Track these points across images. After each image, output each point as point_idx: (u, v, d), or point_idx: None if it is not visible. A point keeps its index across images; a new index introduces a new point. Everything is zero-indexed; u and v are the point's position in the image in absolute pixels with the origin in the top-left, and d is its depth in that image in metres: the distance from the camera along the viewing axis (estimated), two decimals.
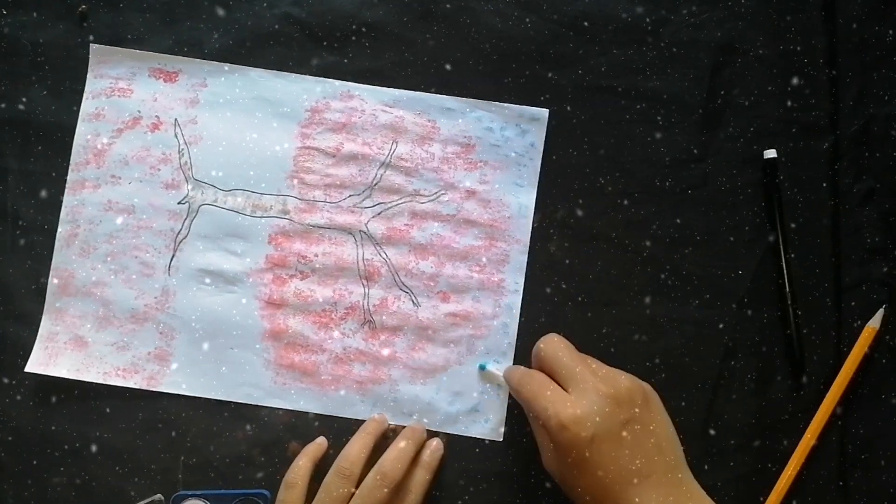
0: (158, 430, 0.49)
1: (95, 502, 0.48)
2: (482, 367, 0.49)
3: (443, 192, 0.50)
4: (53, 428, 0.49)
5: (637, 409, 0.41)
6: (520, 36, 0.51)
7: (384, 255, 0.50)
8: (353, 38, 0.51)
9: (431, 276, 0.50)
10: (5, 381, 0.49)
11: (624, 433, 0.40)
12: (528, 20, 0.51)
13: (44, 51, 0.51)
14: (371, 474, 0.44)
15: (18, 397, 0.49)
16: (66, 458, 0.48)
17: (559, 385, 0.42)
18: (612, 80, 0.51)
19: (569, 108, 0.51)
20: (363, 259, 0.50)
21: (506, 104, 0.50)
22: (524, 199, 0.50)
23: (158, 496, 0.48)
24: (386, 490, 0.44)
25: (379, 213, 0.50)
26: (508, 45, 0.51)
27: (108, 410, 0.49)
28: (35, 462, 0.48)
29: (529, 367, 0.46)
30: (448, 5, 0.51)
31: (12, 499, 0.48)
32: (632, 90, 0.51)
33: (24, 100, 0.51)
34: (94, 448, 0.49)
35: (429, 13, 0.51)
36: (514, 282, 0.50)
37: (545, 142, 0.50)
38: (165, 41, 0.51)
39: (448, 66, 0.51)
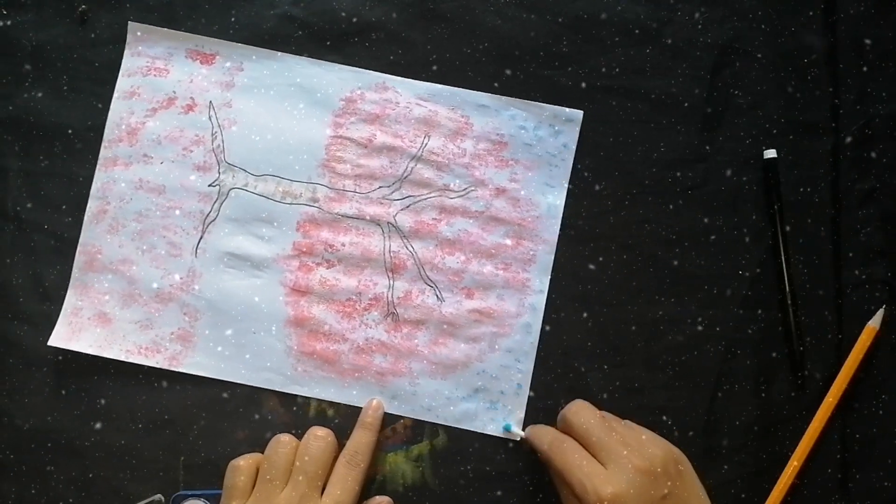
0: (158, 429, 0.49)
1: (95, 502, 0.48)
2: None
3: (472, 188, 0.50)
4: (54, 427, 0.49)
5: (673, 482, 0.41)
6: (520, 36, 0.51)
7: (411, 249, 0.50)
8: (353, 38, 0.51)
9: (457, 271, 0.50)
10: (6, 380, 0.49)
11: None
12: (528, 20, 0.51)
13: (44, 51, 0.51)
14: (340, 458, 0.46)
15: (19, 397, 0.49)
16: (66, 457, 0.48)
17: (591, 454, 0.42)
18: (613, 80, 0.51)
19: (569, 108, 0.51)
20: (390, 251, 0.50)
21: (541, 103, 0.50)
22: (554, 200, 0.50)
23: (158, 496, 0.48)
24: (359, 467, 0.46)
25: (408, 206, 0.50)
26: (509, 45, 0.51)
27: (108, 410, 0.49)
28: (36, 461, 0.49)
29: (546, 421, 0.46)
30: (448, 5, 0.51)
31: (13, 498, 0.48)
32: (632, 90, 0.51)
33: (24, 100, 0.51)
34: (94, 447, 0.49)
35: (429, 13, 0.51)
36: (540, 282, 0.50)
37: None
38: None
39: (448, 67, 0.51)
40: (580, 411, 0.44)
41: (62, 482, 0.48)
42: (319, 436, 0.46)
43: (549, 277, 0.50)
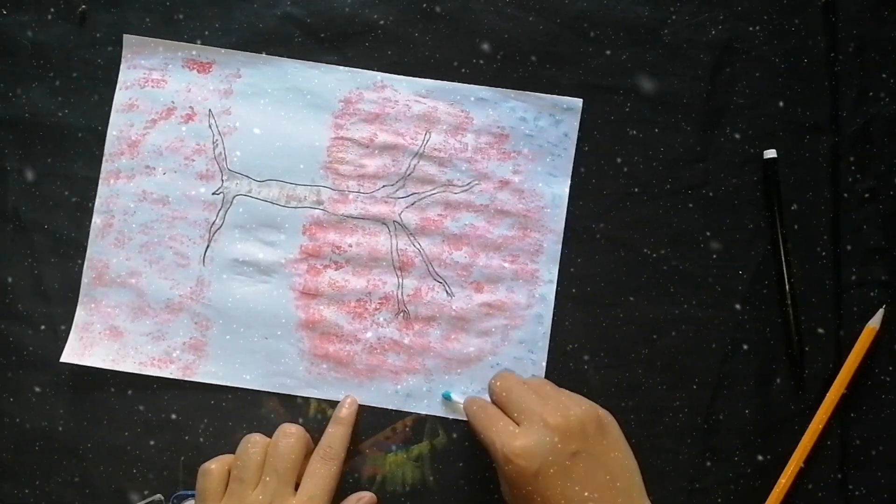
0: (158, 430, 0.49)
1: (95, 502, 0.48)
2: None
3: (476, 182, 0.50)
4: (54, 427, 0.49)
5: (588, 441, 0.40)
6: (520, 36, 0.51)
7: (418, 246, 0.50)
8: (353, 38, 0.51)
9: (465, 266, 0.50)
10: (6, 381, 0.49)
11: (572, 465, 0.39)
12: (528, 20, 0.51)
13: (44, 51, 0.51)
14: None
15: (19, 397, 0.49)
16: (66, 458, 0.48)
17: (512, 420, 0.42)
18: (612, 79, 0.51)
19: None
20: (397, 249, 0.50)
21: (539, 94, 0.50)
22: (558, 190, 0.50)
23: (158, 496, 0.48)
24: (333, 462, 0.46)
25: (412, 204, 0.50)
26: (509, 45, 0.51)
27: (108, 410, 0.49)
28: (35, 462, 0.48)
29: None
30: (448, 5, 0.51)
31: (12, 499, 0.48)
32: (632, 90, 0.51)
33: (24, 100, 0.51)
34: (94, 448, 0.49)
35: (429, 13, 0.51)
36: (549, 272, 0.50)
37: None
38: None
39: (447, 67, 0.51)
40: (502, 379, 0.43)
41: (62, 482, 0.48)
42: (290, 432, 0.45)
43: (558, 267, 0.50)
